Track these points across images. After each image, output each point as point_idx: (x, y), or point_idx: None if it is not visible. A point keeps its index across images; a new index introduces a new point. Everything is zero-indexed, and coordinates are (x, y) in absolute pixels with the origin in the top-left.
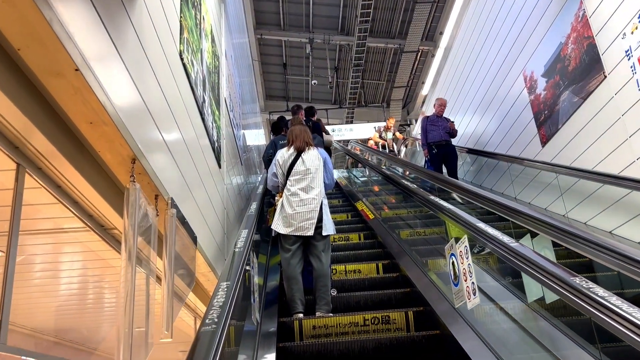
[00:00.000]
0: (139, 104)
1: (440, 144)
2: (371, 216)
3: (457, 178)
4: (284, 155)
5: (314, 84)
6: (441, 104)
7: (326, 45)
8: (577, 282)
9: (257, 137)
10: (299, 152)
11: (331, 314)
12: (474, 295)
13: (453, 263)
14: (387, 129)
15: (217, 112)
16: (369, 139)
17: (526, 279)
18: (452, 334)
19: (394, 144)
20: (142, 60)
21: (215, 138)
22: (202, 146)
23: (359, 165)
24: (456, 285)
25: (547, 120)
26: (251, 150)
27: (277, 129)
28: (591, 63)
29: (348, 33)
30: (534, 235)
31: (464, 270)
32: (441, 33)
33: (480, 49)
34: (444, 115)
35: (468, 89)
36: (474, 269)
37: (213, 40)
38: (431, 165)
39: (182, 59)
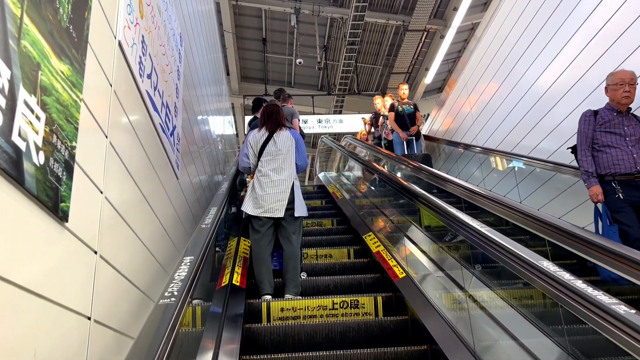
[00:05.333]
0: None
1: (630, 180)
2: (401, 274)
3: None
4: (255, 135)
5: (299, 63)
6: (628, 81)
7: (315, 18)
8: None
9: (222, 126)
10: (271, 133)
11: (300, 297)
12: None
13: None
14: (401, 101)
15: (65, 67)
16: (374, 120)
17: None
18: (420, 320)
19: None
20: None
21: (38, 141)
22: None
23: (372, 174)
24: None
25: None
26: (213, 143)
27: (258, 106)
28: None
29: (342, 4)
30: None
31: None
32: (455, 9)
33: (555, 10)
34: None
35: (522, 73)
36: None
37: None
38: (610, 225)
39: None
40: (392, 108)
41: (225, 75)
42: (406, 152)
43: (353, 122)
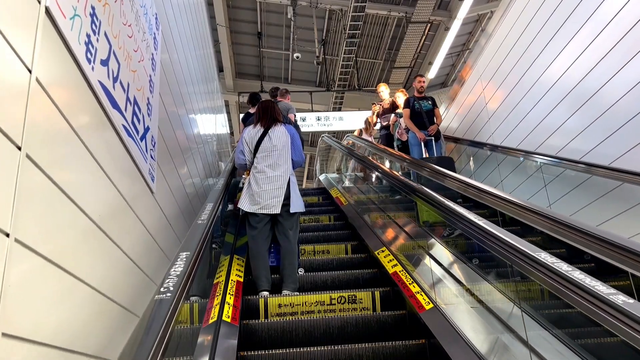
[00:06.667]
0: None
1: None
2: (427, 305)
3: None
4: (250, 132)
5: (297, 58)
6: None
7: (313, 10)
8: None
9: (214, 126)
10: (266, 129)
11: (297, 293)
12: None
13: None
14: (419, 94)
15: None
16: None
17: None
18: (419, 315)
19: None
20: None
21: None
22: None
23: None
24: None
25: None
26: (204, 144)
27: (255, 101)
28: None
29: None
30: None
31: None
32: None
33: None
34: None
35: (545, 66)
36: None
37: None
38: None
39: None
40: (407, 104)
41: (219, 72)
42: (424, 155)
43: (353, 120)
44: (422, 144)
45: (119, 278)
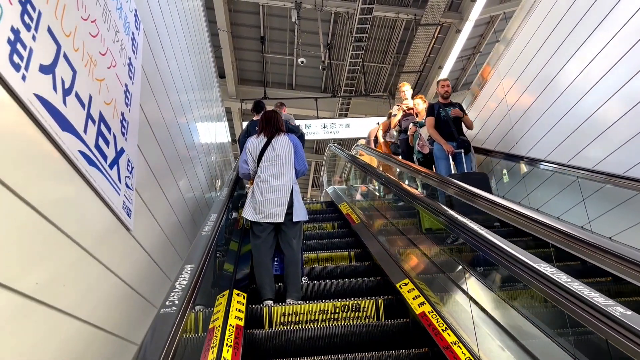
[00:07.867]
0: None
1: None
2: None
3: None
4: (254, 142)
5: (301, 63)
6: None
7: (318, 13)
8: None
9: (214, 135)
10: (270, 139)
11: (301, 301)
12: None
13: None
14: (444, 100)
15: None
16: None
17: None
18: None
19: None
20: None
21: None
22: None
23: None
24: None
25: None
26: (201, 157)
27: (259, 108)
28: None
29: None
30: None
31: None
32: (473, 0)
33: None
34: None
35: (579, 71)
36: None
37: None
38: None
39: None
40: (431, 111)
41: (220, 79)
42: (452, 171)
43: (361, 126)
44: (450, 157)
45: (73, 355)
